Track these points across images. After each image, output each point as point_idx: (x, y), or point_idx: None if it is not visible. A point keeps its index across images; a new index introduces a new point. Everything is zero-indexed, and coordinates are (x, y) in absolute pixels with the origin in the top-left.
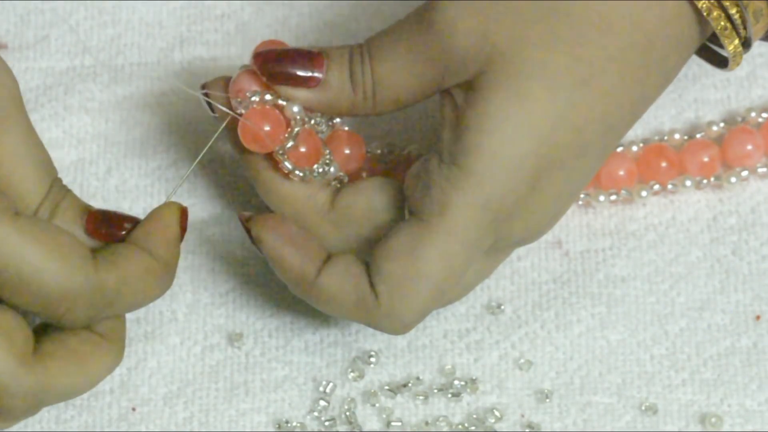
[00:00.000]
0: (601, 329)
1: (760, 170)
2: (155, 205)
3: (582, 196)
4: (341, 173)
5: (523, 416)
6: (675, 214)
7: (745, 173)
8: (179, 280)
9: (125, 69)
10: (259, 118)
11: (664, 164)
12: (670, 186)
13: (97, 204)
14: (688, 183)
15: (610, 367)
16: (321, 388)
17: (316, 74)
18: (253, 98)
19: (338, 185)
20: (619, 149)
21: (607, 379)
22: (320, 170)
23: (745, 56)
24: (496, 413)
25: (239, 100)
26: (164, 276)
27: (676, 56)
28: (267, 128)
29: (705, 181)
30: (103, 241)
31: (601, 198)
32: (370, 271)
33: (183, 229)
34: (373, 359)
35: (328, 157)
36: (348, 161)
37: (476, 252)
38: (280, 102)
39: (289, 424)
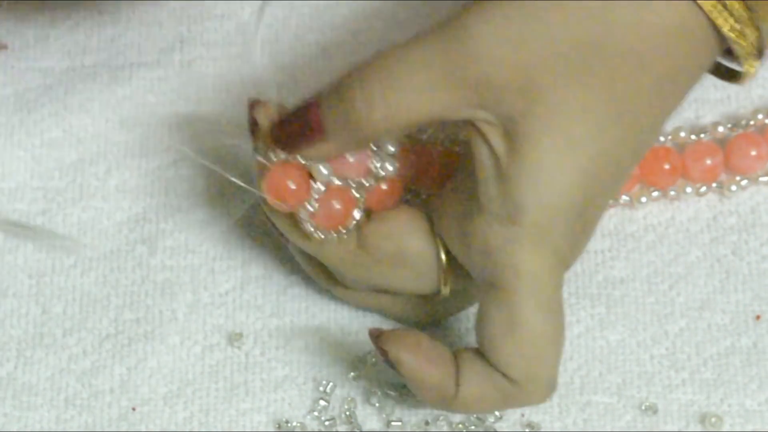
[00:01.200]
0: (600, 329)
1: (761, 179)
2: (155, 204)
3: None
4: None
5: (523, 416)
6: (674, 215)
7: (744, 182)
8: (179, 280)
9: (125, 69)
10: (283, 174)
11: (666, 166)
12: (672, 192)
13: (98, 203)
14: (689, 190)
15: (610, 367)
16: (321, 388)
17: (314, 126)
18: (273, 156)
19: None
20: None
21: (607, 379)
22: (344, 232)
23: None
24: (496, 413)
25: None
26: None
27: (699, 76)
28: (292, 186)
29: (705, 188)
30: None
31: None
32: (495, 365)
33: None
34: (373, 359)
35: (355, 220)
36: (384, 199)
37: (560, 292)
38: (307, 163)
39: (289, 424)
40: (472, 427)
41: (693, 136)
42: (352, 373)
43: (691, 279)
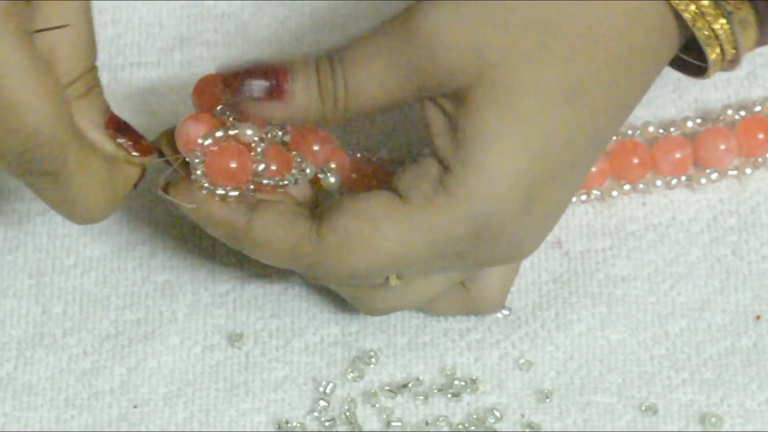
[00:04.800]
0: (601, 329)
1: (730, 173)
2: (155, 205)
3: None
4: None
5: (523, 416)
6: (675, 214)
7: (714, 176)
8: (179, 280)
9: (125, 69)
10: (223, 157)
11: (635, 161)
12: (641, 185)
13: None
14: (658, 183)
15: (610, 367)
16: (321, 389)
17: (280, 86)
18: (207, 143)
19: (315, 204)
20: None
21: (607, 379)
22: (298, 175)
23: (745, 56)
24: (496, 413)
25: (195, 151)
26: (110, 202)
27: (657, 66)
28: (234, 165)
29: (675, 180)
30: (112, 141)
31: (573, 199)
32: (322, 220)
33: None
34: (373, 359)
35: (299, 160)
36: (321, 158)
37: (438, 259)
38: (231, 132)
39: (289, 424)
40: (472, 428)
41: (662, 131)
42: (352, 374)
43: (692, 279)
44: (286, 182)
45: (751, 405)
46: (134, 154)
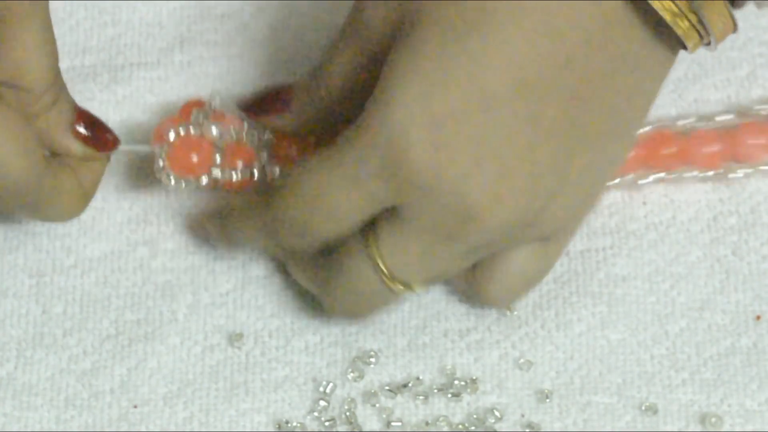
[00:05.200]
0: (601, 328)
1: (762, 167)
2: (155, 204)
3: None
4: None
5: (523, 416)
6: (675, 214)
7: (748, 171)
8: (179, 281)
9: (125, 69)
10: (183, 149)
11: (669, 150)
12: (673, 176)
13: (98, 203)
14: (691, 174)
15: (610, 366)
16: (321, 389)
17: (284, 104)
18: (170, 135)
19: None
20: None
21: (607, 379)
22: (251, 170)
23: (744, 56)
24: (496, 413)
25: (160, 144)
26: (82, 203)
27: (622, 49)
28: (194, 158)
29: (707, 174)
30: (80, 140)
31: None
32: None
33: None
34: (373, 359)
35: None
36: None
37: (366, 201)
38: (194, 130)
39: (289, 424)
40: (473, 428)
41: (700, 123)
42: (352, 374)
43: (692, 279)
44: (238, 175)
45: (751, 405)
46: (101, 153)
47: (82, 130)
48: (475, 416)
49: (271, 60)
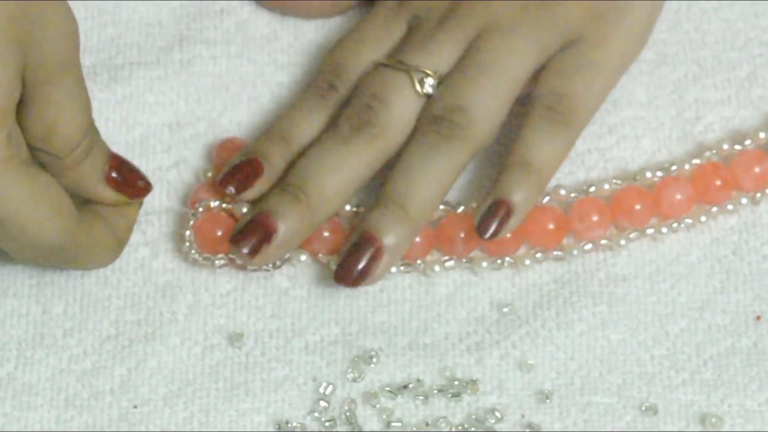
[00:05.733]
0: (602, 329)
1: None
2: (156, 205)
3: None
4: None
5: (523, 417)
6: None
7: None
8: (180, 281)
9: (125, 68)
10: (209, 223)
11: (718, 182)
12: (729, 206)
13: None
14: (744, 201)
15: (610, 367)
16: (321, 389)
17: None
18: (200, 209)
19: None
20: (673, 170)
21: (607, 380)
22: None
23: (744, 56)
24: (497, 414)
25: (192, 211)
26: (116, 251)
27: None
28: (219, 233)
29: (759, 194)
30: (113, 187)
31: (664, 230)
32: None
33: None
34: (373, 359)
35: None
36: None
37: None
38: (225, 206)
39: (289, 425)
40: (473, 428)
41: (737, 146)
42: (352, 374)
43: (692, 279)
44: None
45: (751, 405)
46: (133, 199)
47: (114, 175)
48: (475, 417)
49: (271, 59)
